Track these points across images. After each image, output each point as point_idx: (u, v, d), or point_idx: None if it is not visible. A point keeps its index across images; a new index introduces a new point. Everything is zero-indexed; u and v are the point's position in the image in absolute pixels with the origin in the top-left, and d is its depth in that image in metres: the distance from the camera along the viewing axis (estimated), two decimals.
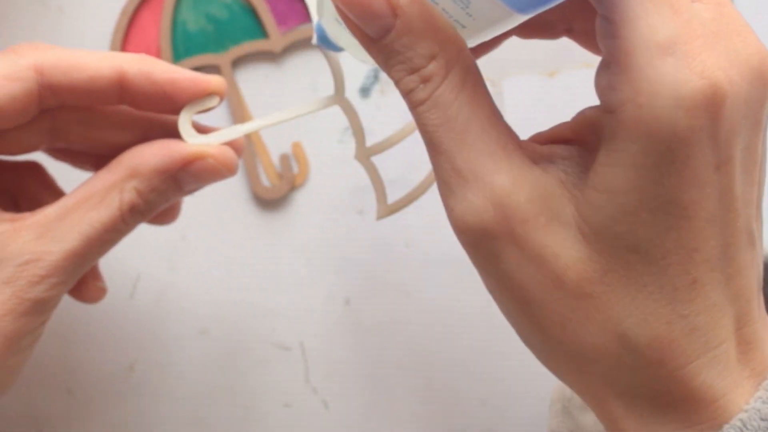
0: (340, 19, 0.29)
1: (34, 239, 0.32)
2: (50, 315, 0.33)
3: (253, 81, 0.47)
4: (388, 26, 0.26)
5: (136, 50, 0.46)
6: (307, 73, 0.47)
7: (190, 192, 0.34)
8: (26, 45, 0.33)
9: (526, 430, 0.46)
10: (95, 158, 0.37)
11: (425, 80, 0.26)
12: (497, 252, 0.25)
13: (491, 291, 0.28)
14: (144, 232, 0.46)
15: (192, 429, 0.46)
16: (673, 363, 0.25)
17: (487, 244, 0.26)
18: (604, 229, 0.24)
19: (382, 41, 0.26)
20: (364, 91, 0.47)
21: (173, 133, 0.34)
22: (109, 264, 0.46)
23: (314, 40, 0.34)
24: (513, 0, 0.24)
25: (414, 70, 0.26)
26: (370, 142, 0.37)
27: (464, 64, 0.26)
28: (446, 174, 0.26)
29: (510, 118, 0.27)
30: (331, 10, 0.30)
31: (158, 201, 0.33)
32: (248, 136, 0.46)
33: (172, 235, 0.46)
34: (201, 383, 0.46)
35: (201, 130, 0.34)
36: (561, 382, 0.36)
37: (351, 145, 0.46)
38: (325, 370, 0.46)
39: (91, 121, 0.35)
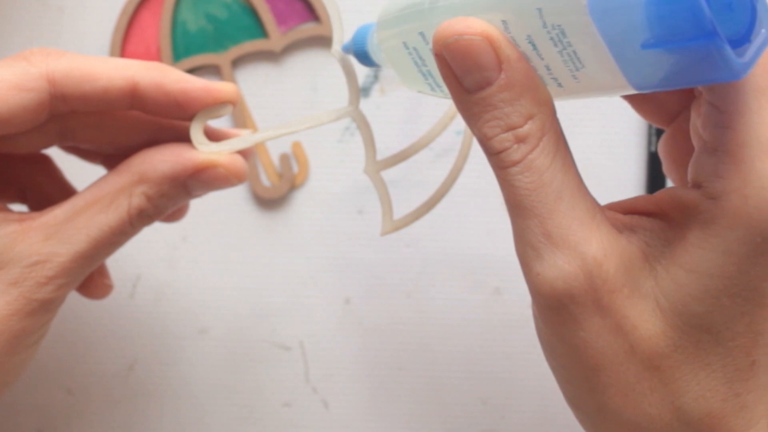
0: (408, 46, 0.28)
1: (41, 240, 0.32)
2: (55, 315, 0.34)
3: (253, 81, 0.47)
4: (489, 79, 0.25)
5: (136, 50, 0.46)
6: (307, 72, 0.47)
7: (198, 196, 0.34)
8: (38, 51, 0.33)
9: (526, 430, 0.46)
10: (104, 155, 0.37)
11: (520, 140, 0.26)
12: (578, 318, 0.26)
13: (557, 355, 0.28)
14: (144, 232, 0.46)
15: (192, 429, 0.46)
16: None
17: (571, 310, 0.26)
18: (683, 306, 0.25)
19: (478, 93, 0.26)
20: (364, 91, 0.47)
21: (184, 136, 0.34)
22: (109, 264, 0.46)
23: (339, 49, 0.34)
24: (636, 78, 0.24)
25: (510, 128, 0.26)
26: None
27: (557, 128, 0.26)
28: (535, 238, 0.26)
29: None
30: (398, 35, 0.29)
31: (167, 206, 0.33)
32: None
33: (172, 235, 0.46)
34: (201, 383, 0.46)
35: (212, 133, 0.34)
36: None
37: (351, 145, 0.46)
38: (325, 370, 0.46)
39: (101, 124, 0.35)
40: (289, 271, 0.46)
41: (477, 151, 0.47)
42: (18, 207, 0.37)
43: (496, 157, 0.26)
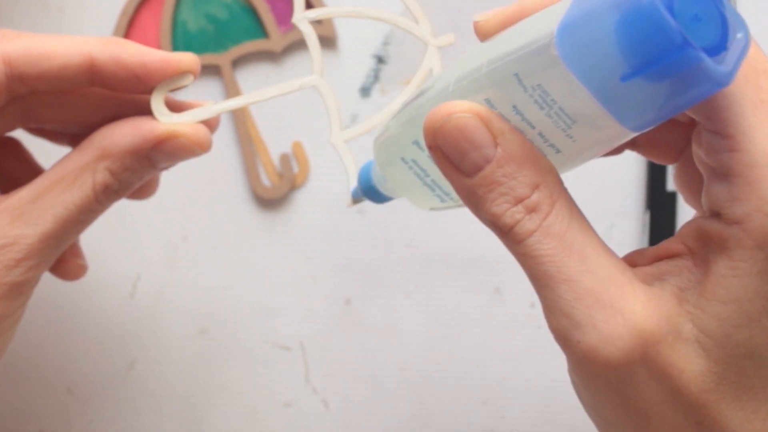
0: (407, 160, 0.28)
1: (8, 223, 0.31)
2: (29, 296, 0.33)
3: (254, 81, 0.47)
4: (487, 157, 0.25)
5: None
6: (307, 72, 0.47)
7: (165, 169, 0.34)
8: None
9: (526, 430, 0.46)
10: (71, 135, 0.36)
11: (531, 210, 0.25)
12: (626, 377, 0.25)
13: (603, 413, 0.27)
14: (144, 232, 0.46)
15: (192, 428, 0.46)
16: None
17: (618, 372, 0.25)
18: (725, 339, 0.25)
19: (478, 175, 0.25)
20: (365, 91, 0.47)
21: (147, 110, 0.33)
22: (109, 264, 0.46)
23: (351, 200, 0.34)
24: (627, 118, 0.23)
25: (518, 201, 0.25)
26: None
27: (567, 195, 0.26)
28: (567, 305, 0.25)
29: None
30: (395, 153, 0.29)
31: (132, 180, 0.33)
32: (249, 136, 0.46)
33: (172, 235, 0.46)
34: (201, 383, 0.46)
35: (177, 106, 0.34)
36: None
37: (351, 144, 0.46)
38: (325, 370, 0.46)
39: (63, 103, 0.34)
40: (289, 271, 0.46)
41: None
42: None
43: (510, 234, 0.26)
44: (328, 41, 0.46)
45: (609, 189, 0.46)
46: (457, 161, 0.25)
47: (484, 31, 0.27)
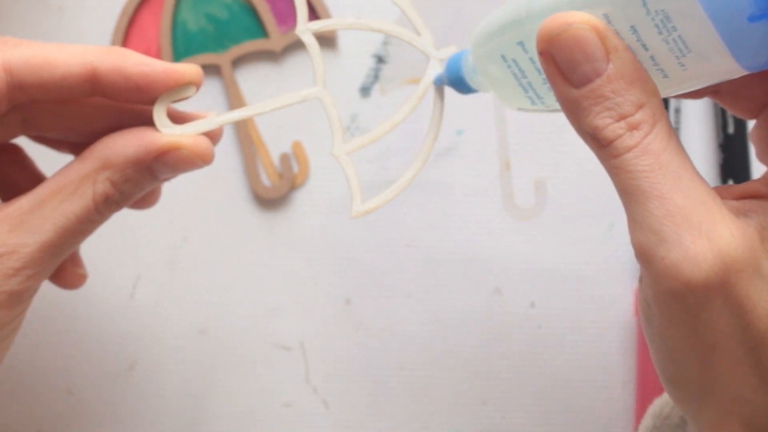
0: (507, 58, 0.28)
1: (7, 231, 0.31)
2: (28, 305, 0.33)
3: (254, 80, 0.47)
4: (598, 70, 0.25)
5: (137, 50, 0.46)
6: (307, 72, 0.47)
7: (166, 180, 0.34)
8: None
9: (526, 430, 0.46)
10: (73, 143, 0.36)
11: (634, 127, 0.25)
12: (703, 301, 0.25)
13: (670, 336, 0.27)
14: (144, 232, 0.46)
15: (192, 429, 0.46)
16: None
17: (697, 293, 0.25)
18: None
19: (586, 87, 0.26)
20: (365, 91, 0.47)
21: (149, 120, 0.33)
22: (109, 264, 0.46)
23: (433, 79, 0.33)
24: (745, 57, 0.24)
25: (622, 117, 0.25)
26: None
27: (667, 117, 0.26)
28: (657, 221, 0.25)
29: None
30: (496, 49, 0.29)
31: (133, 191, 0.33)
32: (249, 136, 0.46)
33: (173, 235, 0.46)
34: (201, 383, 0.46)
35: (177, 116, 0.34)
36: (661, 401, 0.37)
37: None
38: (325, 370, 0.46)
39: (64, 112, 0.34)
40: (289, 271, 0.46)
41: (477, 153, 0.47)
42: None
43: (609, 148, 0.26)
44: (328, 41, 0.46)
45: (609, 188, 0.46)
46: (567, 71, 0.26)
47: None
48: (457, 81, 0.33)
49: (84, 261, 0.38)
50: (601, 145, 0.26)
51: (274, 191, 0.46)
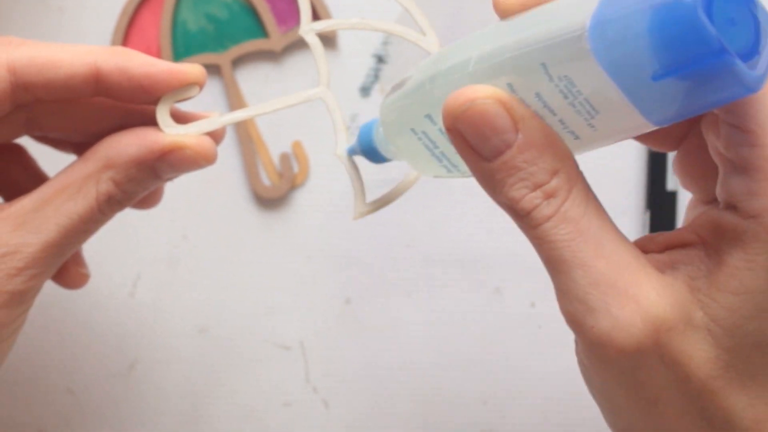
0: (417, 131, 0.28)
1: (10, 231, 0.31)
2: (30, 305, 0.33)
3: (254, 80, 0.47)
4: (508, 142, 0.25)
5: (137, 50, 0.46)
6: (307, 72, 0.47)
7: (169, 180, 0.34)
8: None
9: (526, 430, 0.46)
10: (76, 143, 0.36)
11: (550, 195, 0.25)
12: (637, 363, 0.25)
13: (611, 396, 0.28)
14: (144, 230, 0.46)
15: (192, 428, 0.46)
16: None
17: (630, 358, 0.25)
18: (735, 328, 0.25)
19: (498, 159, 0.25)
20: (365, 91, 0.47)
21: (153, 121, 0.33)
22: (109, 263, 0.46)
23: (342, 152, 0.33)
24: (653, 113, 0.23)
25: (537, 186, 0.25)
26: None
27: (584, 180, 0.26)
28: (582, 290, 0.25)
29: None
30: (404, 124, 0.29)
31: (136, 191, 0.33)
32: (249, 135, 0.46)
33: (173, 234, 0.46)
34: (201, 382, 0.46)
35: (180, 116, 0.34)
36: None
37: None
38: (325, 369, 0.46)
39: (67, 112, 0.34)
40: (289, 271, 0.46)
41: None
42: None
43: (527, 218, 0.26)
44: (328, 41, 0.46)
45: (609, 188, 0.46)
46: (477, 146, 0.26)
47: (504, 8, 0.27)
48: (369, 152, 0.32)
49: (85, 258, 0.38)
50: (519, 215, 0.26)
51: (274, 191, 0.46)
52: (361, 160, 0.34)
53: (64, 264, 0.36)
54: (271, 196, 0.46)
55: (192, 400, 0.46)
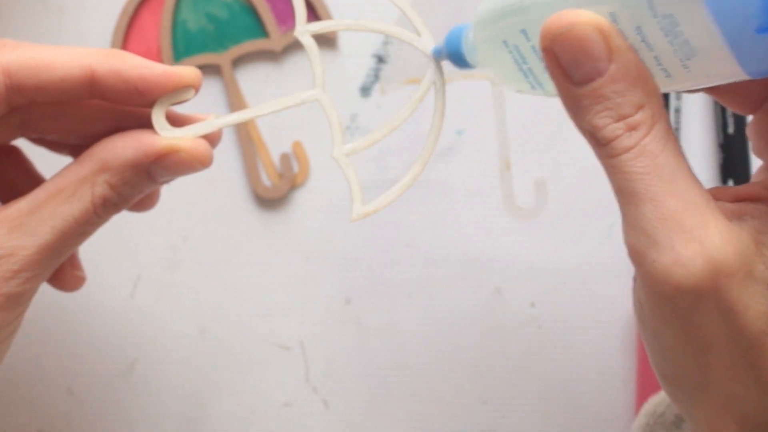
0: (509, 44, 0.28)
1: (6, 234, 0.31)
2: (26, 308, 0.33)
3: (254, 80, 0.47)
4: (600, 70, 0.25)
5: (137, 50, 0.46)
6: (307, 71, 0.47)
7: (165, 183, 0.34)
8: None
9: (526, 430, 0.46)
10: (72, 146, 0.36)
11: (632, 128, 0.26)
12: (694, 305, 0.26)
13: (664, 338, 0.28)
14: (144, 232, 0.46)
15: (192, 428, 0.46)
16: None
17: (686, 297, 0.25)
18: None
19: (587, 86, 0.26)
20: (365, 90, 0.47)
21: (148, 123, 0.33)
22: (109, 264, 0.46)
23: (431, 51, 0.33)
24: (751, 64, 0.24)
25: (621, 117, 0.26)
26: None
27: (667, 118, 0.26)
28: (649, 224, 0.25)
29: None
30: (498, 34, 0.29)
31: (131, 193, 0.33)
32: (249, 135, 0.46)
33: (173, 235, 0.46)
34: (201, 383, 0.46)
35: (176, 118, 0.34)
36: (656, 399, 0.37)
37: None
38: (325, 369, 0.46)
39: (63, 115, 0.34)
40: (290, 271, 0.46)
41: (477, 153, 0.47)
42: None
43: (607, 147, 0.26)
44: (328, 41, 0.46)
45: (609, 188, 0.46)
46: (569, 69, 0.26)
47: None
48: (456, 56, 0.32)
49: (83, 262, 0.38)
50: (599, 143, 0.26)
51: (274, 191, 0.46)
52: (357, 161, 0.34)
53: (60, 266, 0.36)
54: (272, 197, 0.46)
55: (192, 401, 0.46)
